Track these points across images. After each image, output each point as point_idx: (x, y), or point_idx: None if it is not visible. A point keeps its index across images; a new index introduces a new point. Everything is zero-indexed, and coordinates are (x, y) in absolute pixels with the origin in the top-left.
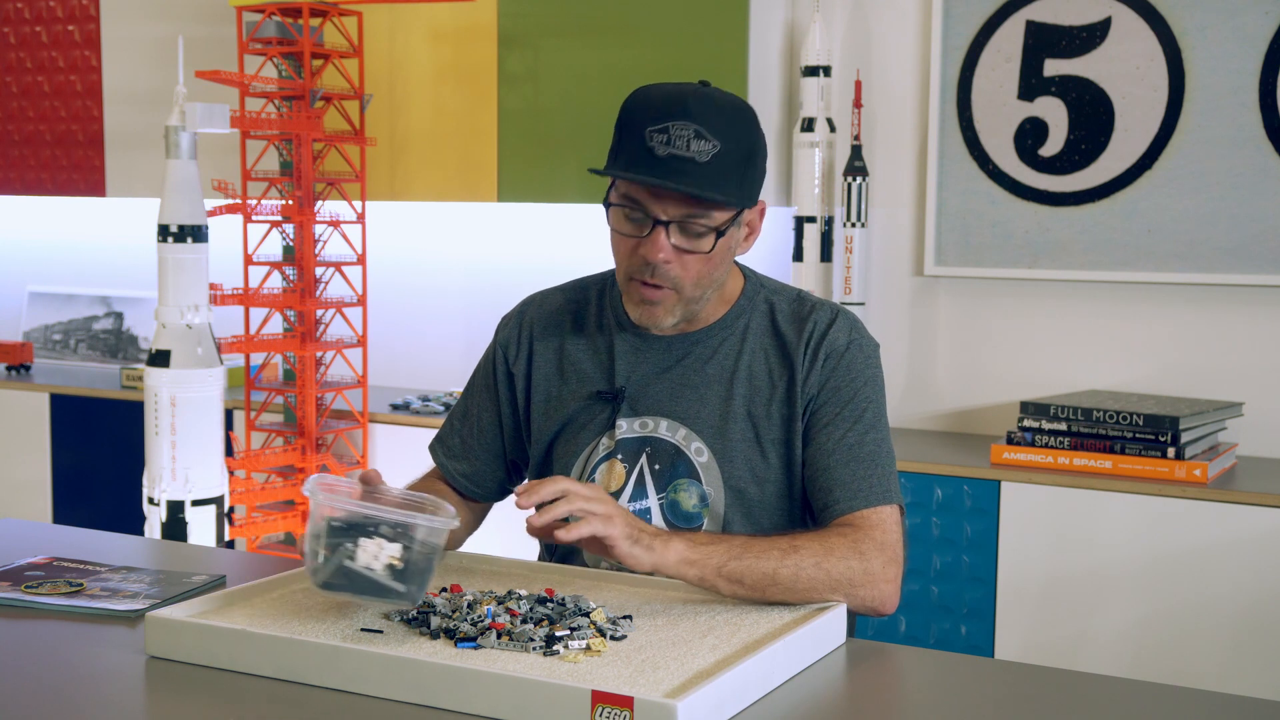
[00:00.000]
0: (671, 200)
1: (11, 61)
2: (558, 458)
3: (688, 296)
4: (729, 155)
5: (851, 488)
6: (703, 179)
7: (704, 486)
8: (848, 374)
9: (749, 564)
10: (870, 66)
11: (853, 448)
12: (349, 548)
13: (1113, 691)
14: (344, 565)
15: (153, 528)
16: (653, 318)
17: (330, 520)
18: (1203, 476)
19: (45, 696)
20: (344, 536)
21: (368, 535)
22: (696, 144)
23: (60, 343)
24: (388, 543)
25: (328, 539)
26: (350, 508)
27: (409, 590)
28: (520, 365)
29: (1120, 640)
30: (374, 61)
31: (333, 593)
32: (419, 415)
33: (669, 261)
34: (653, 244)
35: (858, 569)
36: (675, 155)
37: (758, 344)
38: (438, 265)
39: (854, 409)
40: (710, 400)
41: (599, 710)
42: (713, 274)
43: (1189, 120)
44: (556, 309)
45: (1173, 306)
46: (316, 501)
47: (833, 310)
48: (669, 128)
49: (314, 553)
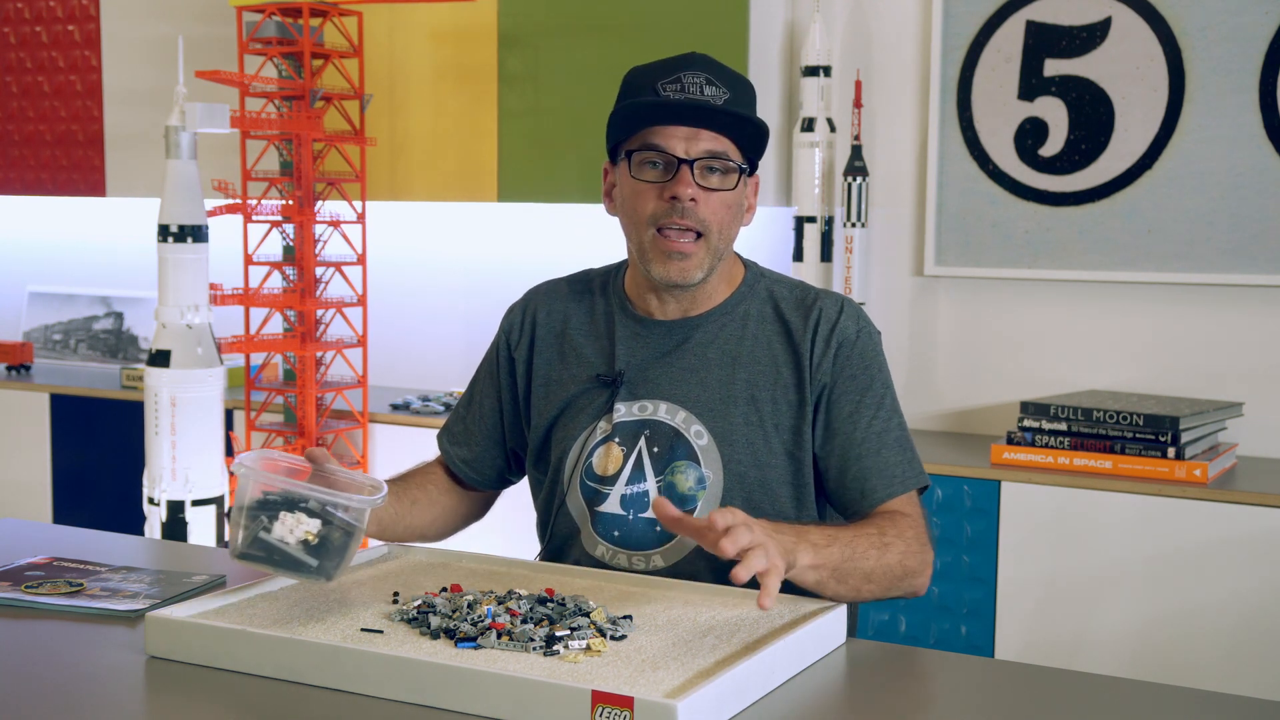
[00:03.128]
0: (694, 140)
1: (11, 61)
2: (556, 441)
3: (714, 246)
4: (739, 103)
5: (887, 475)
6: (718, 120)
7: (702, 469)
8: (862, 362)
9: (855, 565)
10: (870, 66)
11: (880, 435)
12: (264, 520)
13: (1113, 691)
14: (259, 537)
15: (153, 528)
16: (683, 271)
17: (266, 495)
18: (1203, 476)
19: (45, 696)
20: (268, 511)
21: (290, 510)
22: (709, 89)
23: (60, 343)
24: (307, 518)
25: (250, 511)
26: (278, 483)
27: (322, 565)
28: (522, 351)
29: (1120, 640)
30: (374, 61)
31: (249, 563)
32: (419, 415)
33: (695, 200)
34: (680, 181)
35: (917, 560)
36: (691, 99)
37: (759, 329)
38: (438, 265)
39: (874, 396)
40: (711, 384)
41: (599, 710)
42: (732, 225)
43: (1189, 120)
44: (560, 296)
45: (1173, 306)
46: (243, 475)
47: (838, 299)
48: (681, 77)
49: (236, 524)
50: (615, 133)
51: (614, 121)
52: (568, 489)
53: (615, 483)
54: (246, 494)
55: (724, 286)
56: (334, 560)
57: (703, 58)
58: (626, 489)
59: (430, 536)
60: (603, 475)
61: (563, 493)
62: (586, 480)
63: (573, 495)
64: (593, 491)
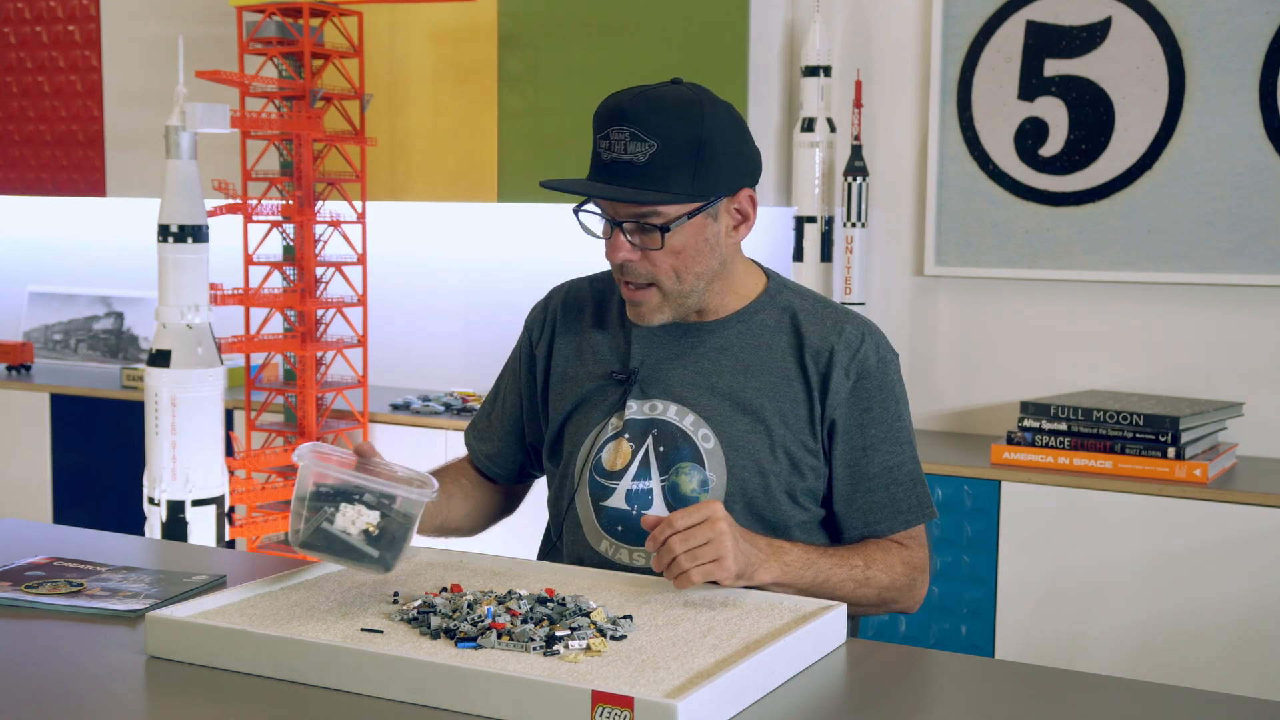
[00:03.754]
0: (618, 203)
1: (11, 61)
2: (569, 435)
3: (669, 291)
4: (671, 152)
5: (894, 509)
6: (641, 178)
7: (706, 472)
8: (880, 394)
9: (827, 591)
10: (870, 66)
11: (892, 470)
12: (329, 511)
13: (1113, 691)
14: (322, 527)
15: (153, 528)
16: (640, 316)
17: (319, 486)
18: (1203, 476)
19: (45, 696)
20: (327, 502)
21: (350, 502)
22: (633, 146)
23: (60, 343)
24: (367, 510)
25: (311, 502)
26: (336, 475)
27: (382, 556)
28: (543, 347)
29: (1120, 640)
30: (374, 61)
31: (310, 552)
32: (419, 415)
33: (631, 259)
34: (613, 245)
35: (903, 585)
36: (616, 159)
37: (775, 340)
38: (438, 265)
39: (890, 431)
40: (721, 390)
41: (599, 710)
42: (692, 266)
43: (1189, 120)
44: (582, 296)
45: (1173, 306)
46: (304, 466)
47: (860, 324)
48: (609, 133)
49: (297, 514)
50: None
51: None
52: (578, 483)
53: (622, 478)
54: (306, 485)
55: (734, 298)
56: (393, 551)
57: (637, 103)
58: (632, 485)
59: (465, 531)
60: (611, 470)
61: (573, 487)
62: (595, 475)
63: (581, 490)
64: (600, 486)
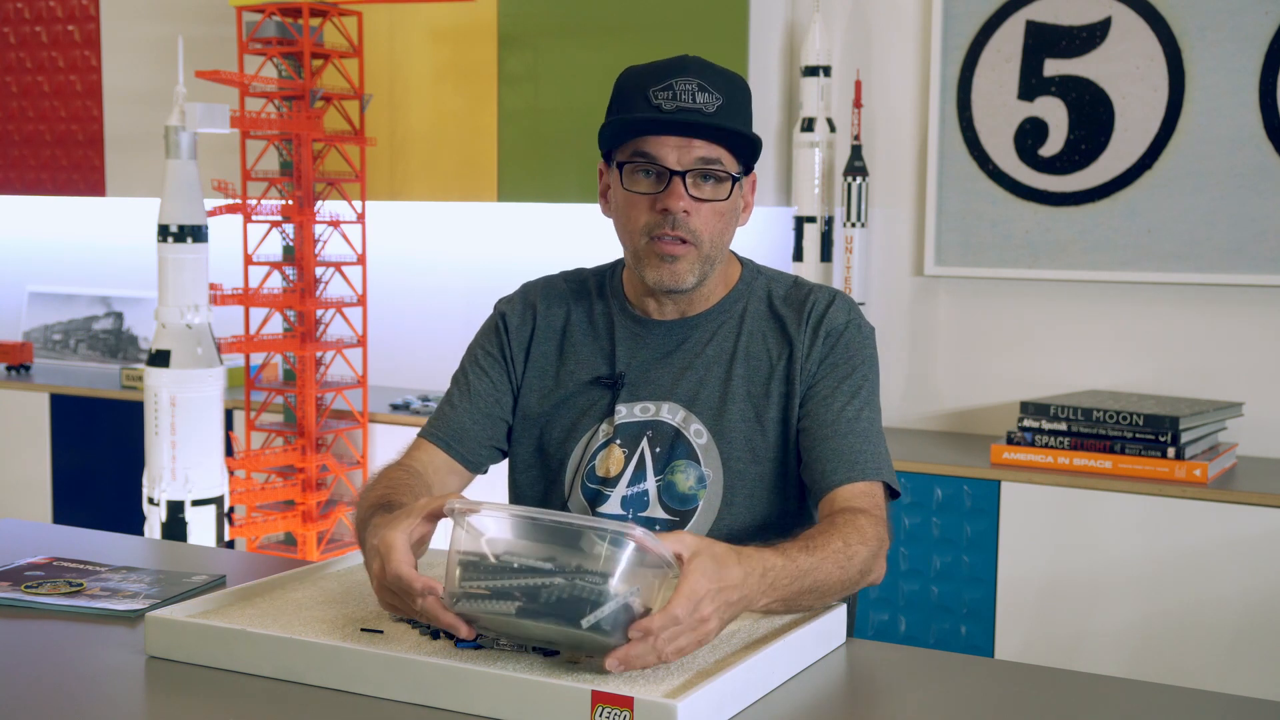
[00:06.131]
0: (686, 150)
1: (11, 61)
2: (555, 444)
3: (706, 254)
4: (734, 105)
5: (847, 459)
6: (709, 129)
7: (702, 467)
8: (845, 351)
9: (816, 589)
10: (870, 66)
11: (850, 421)
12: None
13: (1113, 691)
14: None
15: (153, 528)
16: (675, 275)
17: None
18: (1203, 476)
19: (45, 696)
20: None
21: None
22: (701, 96)
23: (60, 343)
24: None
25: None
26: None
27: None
28: (522, 337)
29: (1120, 640)
30: (374, 61)
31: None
32: (419, 415)
33: (688, 211)
34: (672, 194)
35: (875, 560)
36: (683, 108)
37: (755, 326)
38: (438, 265)
39: (851, 385)
40: (710, 383)
41: (599, 710)
42: (725, 233)
43: (1189, 120)
44: (559, 294)
45: (1173, 306)
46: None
47: (831, 292)
48: (673, 84)
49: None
50: (607, 140)
51: (604, 132)
52: (569, 493)
53: (617, 484)
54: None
55: (720, 287)
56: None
57: (696, 61)
58: (627, 490)
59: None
60: (604, 477)
61: (563, 496)
62: (588, 483)
63: (574, 498)
64: (594, 493)
